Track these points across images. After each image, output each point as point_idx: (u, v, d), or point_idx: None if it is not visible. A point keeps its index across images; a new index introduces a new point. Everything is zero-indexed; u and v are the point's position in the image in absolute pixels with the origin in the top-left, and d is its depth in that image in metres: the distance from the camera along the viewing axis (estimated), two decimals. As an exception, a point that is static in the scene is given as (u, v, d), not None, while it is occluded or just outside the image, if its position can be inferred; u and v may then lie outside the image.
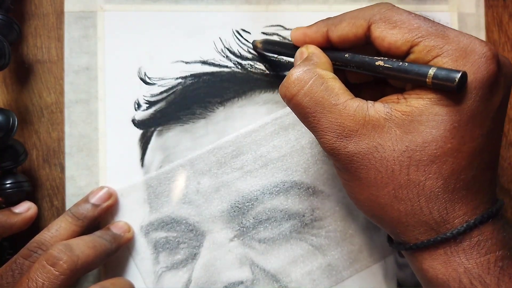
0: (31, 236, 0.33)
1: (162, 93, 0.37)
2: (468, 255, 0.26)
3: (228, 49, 0.37)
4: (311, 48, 0.30)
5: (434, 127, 0.25)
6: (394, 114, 0.26)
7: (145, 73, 0.37)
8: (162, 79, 0.37)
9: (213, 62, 0.37)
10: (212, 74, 0.37)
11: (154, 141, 0.37)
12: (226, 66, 0.37)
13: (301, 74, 0.28)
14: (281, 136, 0.37)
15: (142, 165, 0.36)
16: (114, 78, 0.37)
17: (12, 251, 0.34)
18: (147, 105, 0.37)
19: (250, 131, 0.37)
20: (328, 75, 0.28)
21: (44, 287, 0.29)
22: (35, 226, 0.35)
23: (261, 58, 0.37)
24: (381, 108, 0.27)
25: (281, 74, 0.37)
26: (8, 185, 0.34)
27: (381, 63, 0.27)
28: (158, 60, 0.37)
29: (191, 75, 0.37)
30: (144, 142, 0.37)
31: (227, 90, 0.37)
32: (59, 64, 0.37)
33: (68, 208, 0.35)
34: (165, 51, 0.37)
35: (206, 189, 0.36)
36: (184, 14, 0.37)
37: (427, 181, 0.26)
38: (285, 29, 0.37)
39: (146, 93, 0.37)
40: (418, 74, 0.25)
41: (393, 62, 0.27)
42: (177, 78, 0.37)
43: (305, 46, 0.31)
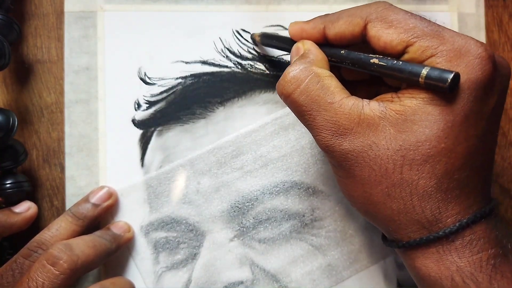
0: (31, 236, 0.33)
1: (162, 93, 0.37)
2: (460, 254, 0.26)
3: (228, 49, 0.37)
4: (308, 44, 0.30)
5: (428, 127, 0.25)
6: (388, 113, 0.26)
7: (145, 73, 0.37)
8: (162, 79, 0.37)
9: (213, 62, 0.37)
10: (212, 74, 0.37)
11: (154, 141, 0.37)
12: (226, 66, 0.37)
13: (297, 73, 0.28)
14: (281, 136, 0.37)
15: (142, 165, 0.36)
16: (114, 78, 0.37)
17: (12, 251, 0.34)
18: (147, 105, 0.37)
19: (250, 131, 0.37)
20: (324, 73, 0.28)
21: (44, 287, 0.29)
22: (35, 226, 0.35)
23: (261, 58, 0.37)
24: (376, 106, 0.27)
25: (281, 74, 0.37)
26: (8, 185, 0.34)
27: (375, 61, 0.27)
28: (158, 60, 0.37)
29: (191, 75, 0.37)
30: (144, 142, 0.37)
31: (227, 90, 0.37)
32: (59, 64, 0.37)
33: (68, 208, 0.35)
34: (165, 51, 0.37)
35: (206, 189, 0.36)
36: (184, 14, 0.37)
37: (420, 180, 0.26)
38: (285, 29, 0.37)
39: (146, 93, 0.37)
40: (411, 74, 0.25)
41: (387, 60, 0.27)
42: (177, 78, 0.37)
43: (301, 41, 0.31)
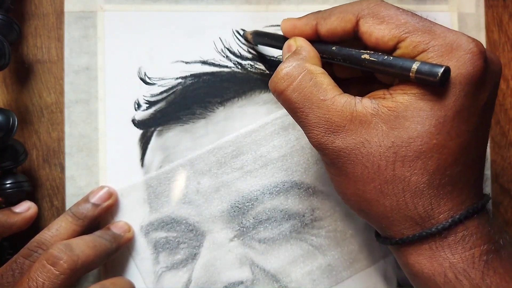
0: (31, 236, 0.33)
1: (162, 93, 0.37)
2: (453, 250, 0.26)
3: (228, 49, 0.37)
4: (300, 41, 0.30)
5: (419, 123, 0.26)
6: (380, 109, 0.26)
7: (145, 73, 0.37)
8: (162, 79, 0.37)
9: (213, 62, 0.37)
10: (212, 74, 0.37)
11: (154, 141, 0.37)
12: (226, 66, 0.37)
13: (290, 70, 0.28)
14: (281, 136, 0.37)
15: (142, 165, 0.36)
16: (114, 78, 0.37)
17: (12, 251, 0.34)
18: (147, 105, 0.37)
19: (250, 131, 0.37)
20: (317, 70, 0.28)
21: (44, 287, 0.29)
22: (35, 226, 0.35)
23: (261, 58, 0.37)
24: (368, 103, 0.27)
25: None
26: (8, 185, 0.34)
27: (366, 57, 0.27)
28: (158, 60, 0.37)
29: (191, 75, 0.37)
30: (144, 142, 0.37)
31: (227, 90, 0.37)
32: (59, 64, 0.37)
33: (68, 208, 0.35)
34: (165, 51, 0.37)
35: (206, 189, 0.36)
36: (184, 14, 0.37)
37: (413, 176, 0.26)
38: (285, 29, 0.37)
39: (146, 93, 0.37)
40: (402, 68, 0.26)
41: (378, 56, 0.27)
42: (177, 78, 0.37)
43: (293, 38, 0.31)
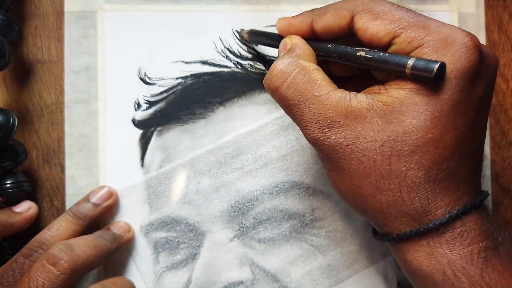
0: (31, 236, 0.33)
1: (162, 93, 0.37)
2: (451, 246, 0.26)
3: (228, 49, 0.37)
4: (295, 39, 0.30)
5: (415, 117, 0.25)
6: (376, 104, 0.26)
7: (145, 73, 0.37)
8: (162, 79, 0.37)
9: (213, 62, 0.37)
10: (212, 74, 0.37)
11: (154, 141, 0.37)
12: (226, 66, 0.37)
13: (284, 66, 0.28)
14: (281, 136, 0.37)
15: (142, 165, 0.37)
16: (114, 78, 0.37)
17: (12, 251, 0.34)
18: (147, 105, 0.37)
19: (250, 131, 0.37)
20: (311, 67, 0.28)
21: (44, 287, 0.29)
22: (35, 226, 0.35)
23: (261, 58, 0.37)
24: (363, 98, 0.27)
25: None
26: (8, 185, 0.34)
27: (362, 54, 0.27)
28: (158, 60, 0.37)
29: (191, 75, 0.37)
30: (144, 142, 0.37)
31: (227, 90, 0.37)
32: (59, 64, 0.37)
33: (68, 207, 0.35)
34: (165, 51, 0.37)
35: (206, 189, 0.36)
36: (184, 14, 0.37)
37: (409, 171, 0.26)
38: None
39: (146, 93, 0.37)
40: (397, 65, 0.26)
41: (374, 52, 0.27)
42: (177, 78, 0.37)
43: (288, 36, 0.31)
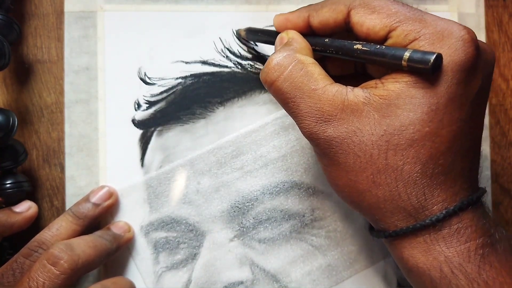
0: (31, 236, 0.33)
1: (162, 93, 0.37)
2: (448, 243, 0.26)
3: (228, 49, 0.37)
4: (291, 33, 0.30)
5: (411, 110, 0.25)
6: (372, 98, 0.26)
7: (145, 73, 0.37)
8: (162, 79, 0.37)
9: (213, 62, 0.37)
10: (212, 74, 0.37)
11: (154, 141, 0.37)
12: (226, 66, 0.37)
13: (281, 60, 0.28)
14: (281, 136, 0.37)
15: (142, 165, 0.37)
16: (114, 78, 0.37)
17: (12, 251, 0.34)
18: (147, 105, 0.37)
19: (250, 131, 0.37)
20: (308, 60, 0.28)
21: (44, 287, 0.29)
22: (35, 226, 0.35)
23: (261, 58, 0.37)
24: (360, 93, 0.27)
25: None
26: (8, 185, 0.34)
27: (359, 47, 0.27)
28: (158, 60, 0.37)
29: (191, 75, 0.37)
30: (144, 142, 0.37)
31: (227, 90, 0.37)
32: (59, 64, 0.37)
33: (68, 207, 0.35)
34: (165, 51, 0.37)
35: (206, 189, 0.36)
36: (184, 14, 0.37)
37: (405, 165, 0.26)
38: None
39: (146, 93, 0.37)
40: (394, 57, 0.26)
41: (370, 45, 0.27)
42: (177, 78, 0.37)
43: (285, 31, 0.31)
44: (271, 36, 0.33)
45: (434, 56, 0.24)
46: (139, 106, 0.37)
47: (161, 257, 0.36)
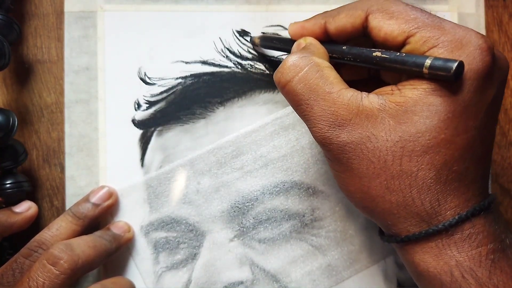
0: (31, 236, 0.33)
1: (162, 93, 0.37)
2: (459, 248, 0.26)
3: (228, 49, 0.37)
4: (309, 39, 0.30)
5: (428, 117, 0.25)
6: (388, 105, 0.26)
7: (145, 73, 0.37)
8: (162, 79, 0.37)
9: (213, 62, 0.37)
10: (212, 74, 0.37)
11: (154, 141, 0.37)
12: (226, 66, 0.37)
13: (297, 60, 0.28)
14: (281, 136, 0.37)
15: (142, 165, 0.37)
16: (114, 78, 0.37)
17: (12, 251, 0.34)
18: (147, 105, 0.37)
19: (250, 131, 0.37)
20: (324, 64, 0.28)
21: (44, 287, 0.29)
22: (35, 226, 0.35)
23: (261, 58, 0.37)
24: (375, 99, 0.27)
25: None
26: (8, 185, 0.34)
27: (378, 54, 0.27)
28: (158, 60, 0.37)
29: (191, 75, 0.37)
30: (144, 142, 0.37)
31: (227, 90, 0.37)
32: (59, 64, 0.37)
33: (68, 207, 0.35)
34: (165, 51, 0.37)
35: (206, 189, 0.36)
36: (184, 14, 0.37)
37: (420, 172, 0.26)
38: (285, 29, 0.37)
39: (146, 93, 0.37)
40: (415, 65, 0.25)
41: (390, 53, 0.27)
42: (177, 78, 0.37)
43: (303, 38, 0.31)
44: (287, 43, 0.33)
45: (456, 63, 0.24)
46: (139, 106, 0.37)
47: (161, 257, 0.36)
